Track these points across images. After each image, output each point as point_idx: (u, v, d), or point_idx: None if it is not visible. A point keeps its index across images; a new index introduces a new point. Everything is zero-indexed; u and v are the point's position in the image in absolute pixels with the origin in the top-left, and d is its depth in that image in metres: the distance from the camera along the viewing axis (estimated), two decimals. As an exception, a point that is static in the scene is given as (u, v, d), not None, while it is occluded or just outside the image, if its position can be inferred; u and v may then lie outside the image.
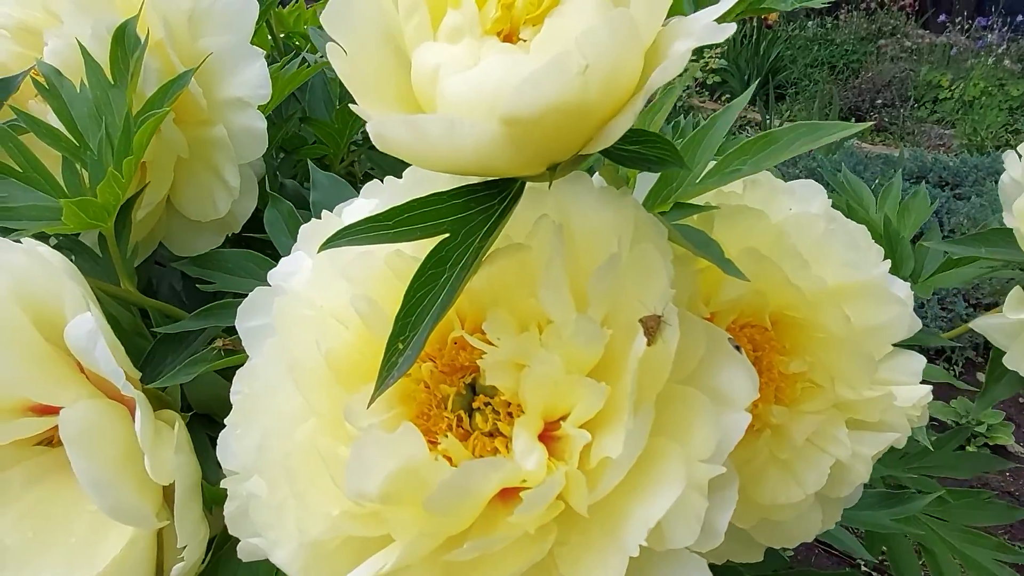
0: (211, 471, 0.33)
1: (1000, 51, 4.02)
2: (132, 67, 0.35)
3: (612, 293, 0.23)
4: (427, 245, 0.23)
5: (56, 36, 0.36)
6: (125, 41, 0.35)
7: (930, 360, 0.32)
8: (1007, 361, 0.48)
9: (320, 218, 0.39)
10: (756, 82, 0.39)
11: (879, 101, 3.92)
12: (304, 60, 0.53)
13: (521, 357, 0.23)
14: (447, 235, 0.23)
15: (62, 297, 0.28)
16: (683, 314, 0.24)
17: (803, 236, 0.29)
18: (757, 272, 0.28)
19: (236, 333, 0.34)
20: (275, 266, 0.38)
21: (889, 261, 0.30)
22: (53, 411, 0.28)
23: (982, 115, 3.64)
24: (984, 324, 0.50)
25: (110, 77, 0.36)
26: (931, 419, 1.62)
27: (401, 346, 0.22)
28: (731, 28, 0.20)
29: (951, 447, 0.63)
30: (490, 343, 0.23)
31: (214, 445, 0.36)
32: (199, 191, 0.40)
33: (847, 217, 0.59)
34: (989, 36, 4.14)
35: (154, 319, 0.37)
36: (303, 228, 0.27)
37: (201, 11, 0.39)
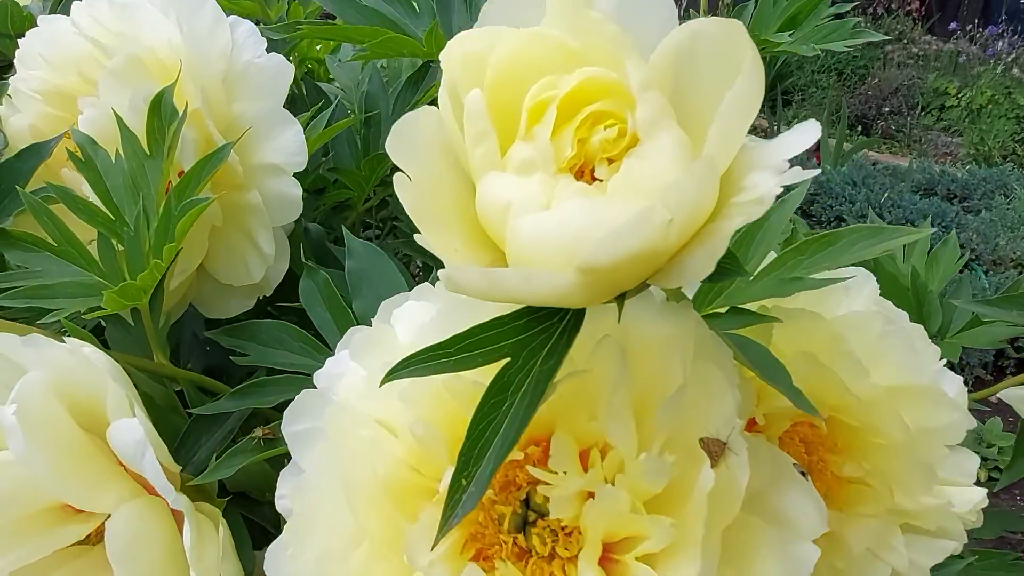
0: (246, 558, 0.32)
1: (1009, 59, 4.01)
2: (169, 139, 0.34)
3: (676, 420, 0.23)
4: (489, 370, 0.22)
5: (91, 105, 0.35)
6: (162, 111, 0.35)
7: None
8: None
9: (352, 283, 0.39)
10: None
11: (886, 109, 3.92)
12: (334, 113, 0.53)
13: (587, 487, 0.22)
14: (508, 359, 0.22)
15: (104, 393, 0.28)
16: (747, 438, 0.23)
17: (860, 337, 0.28)
18: (813, 378, 0.27)
19: (270, 411, 0.34)
20: (309, 339, 0.38)
21: (944, 360, 0.29)
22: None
23: (990, 124, 3.63)
24: (1013, 395, 0.49)
25: (146, 147, 0.35)
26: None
27: (464, 482, 0.21)
28: (815, 171, 0.19)
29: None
30: (551, 471, 0.23)
31: (247, 523, 0.35)
32: (233, 256, 0.39)
33: (874, 271, 0.59)
34: (999, 44, 4.13)
35: (187, 392, 0.37)
36: (354, 336, 0.26)
37: (235, 74, 0.38)
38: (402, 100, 0.58)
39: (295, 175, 0.39)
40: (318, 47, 0.79)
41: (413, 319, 0.26)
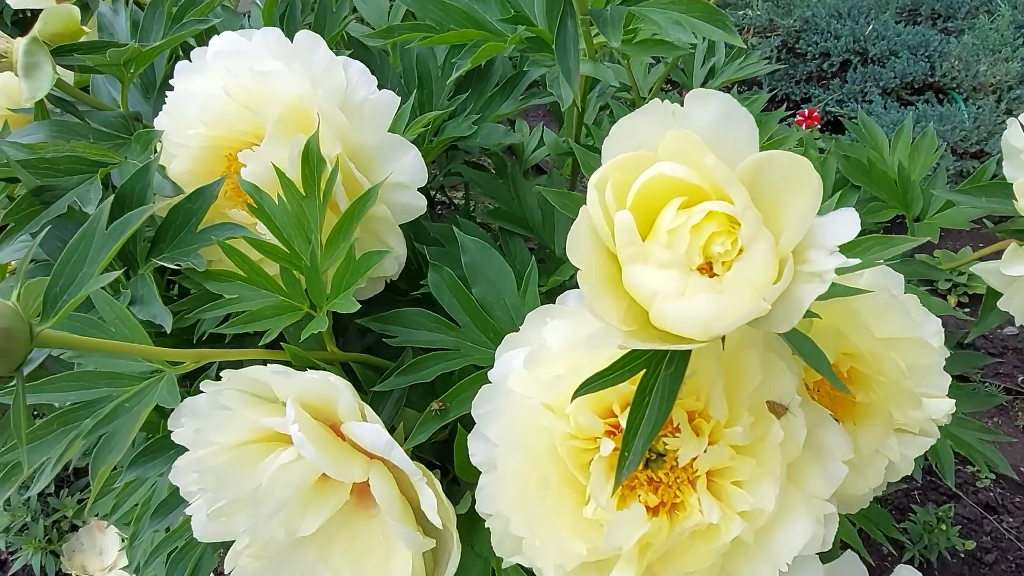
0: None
1: None
2: (325, 188, 0.42)
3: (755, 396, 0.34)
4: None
5: (252, 159, 0.43)
6: (310, 159, 0.43)
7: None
8: (1001, 304, 0.60)
9: (469, 273, 0.49)
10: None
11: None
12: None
13: (700, 446, 0.34)
14: (645, 371, 0.34)
15: (336, 401, 0.39)
16: (800, 402, 0.35)
17: (870, 307, 0.39)
18: (840, 342, 0.39)
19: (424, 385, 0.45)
20: (440, 320, 0.48)
21: (937, 320, 0.41)
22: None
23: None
24: (983, 268, 0.61)
25: (302, 190, 0.43)
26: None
27: (627, 454, 0.33)
28: (855, 260, 0.29)
29: (948, 345, 0.77)
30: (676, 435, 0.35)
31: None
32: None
33: (869, 170, 0.69)
34: None
35: (355, 369, 0.48)
36: (525, 356, 0.37)
37: (352, 108, 0.46)
38: (449, 68, 0.64)
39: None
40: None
41: (563, 337, 0.37)
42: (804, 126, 2.04)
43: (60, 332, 0.33)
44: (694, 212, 0.29)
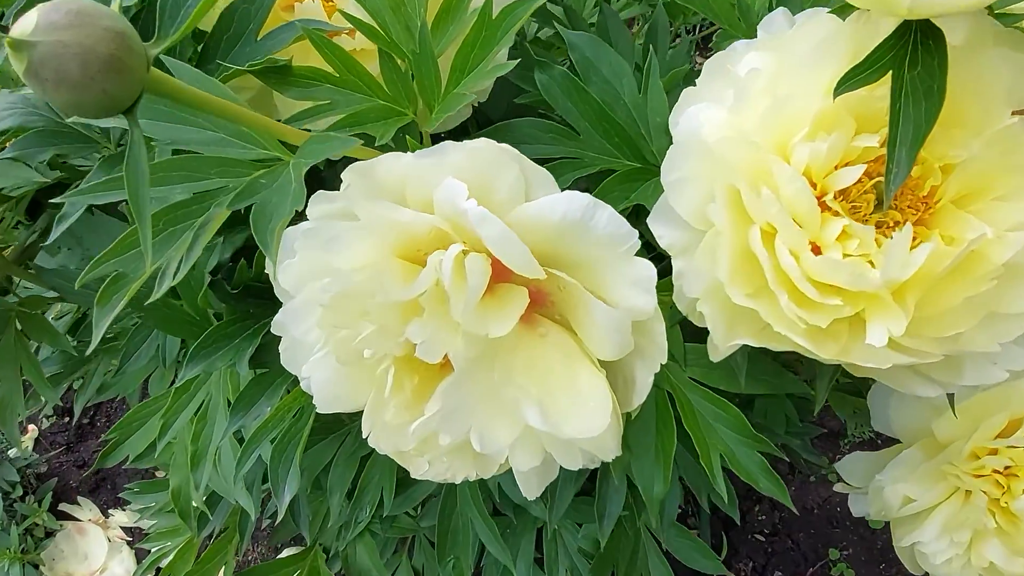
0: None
1: None
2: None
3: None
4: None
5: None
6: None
7: None
8: None
9: (581, 72, 0.42)
10: None
11: None
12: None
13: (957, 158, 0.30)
14: (892, 71, 0.28)
15: (492, 183, 0.32)
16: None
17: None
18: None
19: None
20: (556, 127, 0.42)
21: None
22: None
23: None
24: None
25: (394, -35, 0.36)
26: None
27: (892, 165, 0.28)
28: None
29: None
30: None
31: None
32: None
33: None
34: None
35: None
36: (734, 92, 0.31)
37: None
38: None
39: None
40: None
41: (769, 64, 0.31)
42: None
43: (168, 77, 0.24)
44: None
